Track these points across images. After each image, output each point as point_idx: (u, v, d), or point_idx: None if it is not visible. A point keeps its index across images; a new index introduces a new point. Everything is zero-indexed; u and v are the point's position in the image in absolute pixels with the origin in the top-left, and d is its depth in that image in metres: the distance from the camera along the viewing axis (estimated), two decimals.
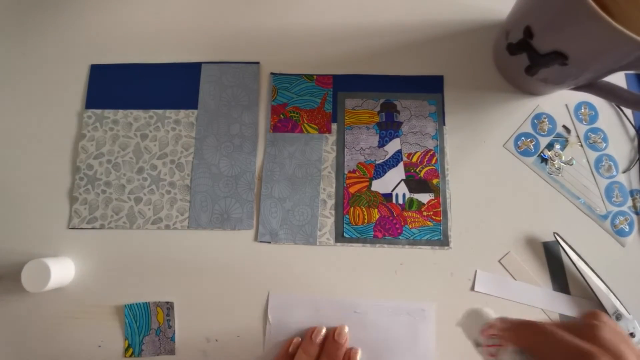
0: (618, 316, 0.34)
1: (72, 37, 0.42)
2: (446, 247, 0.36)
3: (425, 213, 0.37)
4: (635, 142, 0.39)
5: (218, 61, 0.41)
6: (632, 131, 0.40)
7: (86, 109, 0.40)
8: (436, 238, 0.37)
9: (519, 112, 0.39)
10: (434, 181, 0.38)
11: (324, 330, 0.34)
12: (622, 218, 0.37)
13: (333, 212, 0.37)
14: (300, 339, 0.34)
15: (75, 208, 0.38)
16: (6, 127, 0.40)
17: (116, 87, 0.40)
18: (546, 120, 0.39)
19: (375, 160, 0.38)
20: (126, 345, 0.35)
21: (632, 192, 0.38)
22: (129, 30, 0.42)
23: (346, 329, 0.34)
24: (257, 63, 0.41)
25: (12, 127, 0.40)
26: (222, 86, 0.40)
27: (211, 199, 0.38)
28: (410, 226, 0.37)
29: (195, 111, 0.40)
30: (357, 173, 0.38)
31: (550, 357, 0.21)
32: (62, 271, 0.35)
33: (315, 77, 0.40)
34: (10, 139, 0.39)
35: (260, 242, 0.37)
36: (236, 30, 0.42)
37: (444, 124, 0.39)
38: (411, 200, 0.37)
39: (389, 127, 0.39)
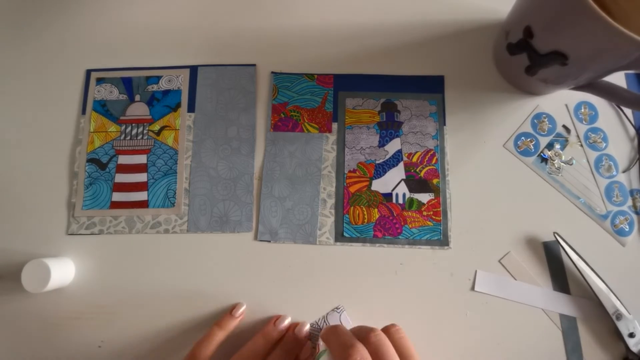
0: (618, 316, 0.34)
1: (69, 41, 0.41)
2: (446, 247, 0.36)
3: (425, 213, 0.37)
4: (635, 142, 0.40)
5: (214, 64, 0.41)
6: (632, 131, 0.40)
7: (83, 114, 0.40)
8: (436, 238, 0.37)
9: (518, 112, 0.39)
10: (434, 181, 0.38)
11: (288, 320, 0.34)
12: (622, 218, 0.38)
13: (333, 211, 0.37)
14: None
15: (74, 214, 0.38)
16: (4, 129, 0.40)
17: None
18: (546, 120, 0.39)
19: (375, 159, 0.38)
20: None
21: (632, 192, 0.38)
22: (125, 35, 0.41)
23: (308, 325, 0.34)
24: (254, 65, 0.40)
25: (10, 129, 0.39)
26: (219, 89, 0.40)
27: (210, 202, 0.38)
28: (410, 226, 0.37)
29: (193, 114, 0.39)
30: (357, 172, 0.38)
31: (332, 346, 0.26)
32: (62, 271, 0.35)
33: (316, 76, 0.40)
34: (8, 142, 0.39)
35: (260, 241, 0.37)
36: (235, 31, 0.41)
37: (445, 124, 0.39)
38: (411, 200, 0.37)
39: (389, 127, 0.39)
